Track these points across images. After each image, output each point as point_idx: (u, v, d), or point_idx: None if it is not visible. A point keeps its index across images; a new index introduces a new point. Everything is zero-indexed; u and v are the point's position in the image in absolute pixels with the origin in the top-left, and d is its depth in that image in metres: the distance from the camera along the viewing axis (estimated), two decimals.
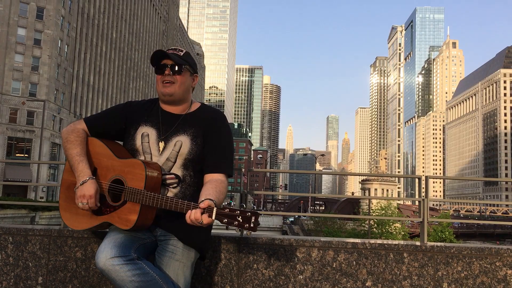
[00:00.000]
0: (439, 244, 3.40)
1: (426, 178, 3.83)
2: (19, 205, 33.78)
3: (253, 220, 2.16)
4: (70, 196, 2.64)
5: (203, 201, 2.25)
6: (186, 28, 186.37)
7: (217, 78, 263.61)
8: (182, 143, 2.60)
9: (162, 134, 2.64)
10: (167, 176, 2.58)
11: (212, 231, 2.90)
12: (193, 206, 2.26)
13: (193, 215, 2.22)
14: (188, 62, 2.68)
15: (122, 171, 2.51)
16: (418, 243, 3.41)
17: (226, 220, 2.17)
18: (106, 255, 2.29)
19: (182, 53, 2.68)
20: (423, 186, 3.93)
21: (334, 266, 3.27)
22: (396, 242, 3.43)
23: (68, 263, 3.26)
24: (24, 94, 55.86)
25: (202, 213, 2.21)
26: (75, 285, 3.23)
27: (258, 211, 2.21)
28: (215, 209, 2.20)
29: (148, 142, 2.64)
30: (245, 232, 3.11)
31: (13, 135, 54.85)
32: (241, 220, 2.16)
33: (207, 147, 2.63)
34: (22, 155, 56.09)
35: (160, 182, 2.52)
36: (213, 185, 2.48)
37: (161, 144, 2.62)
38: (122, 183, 2.49)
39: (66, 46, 62.62)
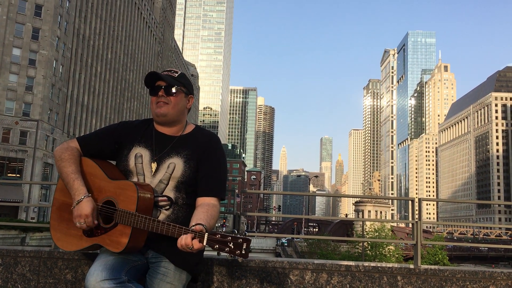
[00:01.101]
0: (432, 267, 3.38)
1: (419, 200, 3.83)
2: (9, 226, 33.32)
3: (244, 247, 2.13)
4: (61, 216, 2.61)
5: (194, 225, 2.24)
6: (181, 50, 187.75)
7: (211, 99, 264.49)
8: (175, 165, 2.59)
9: (155, 155, 2.63)
10: (159, 198, 2.56)
11: (205, 253, 2.87)
12: (184, 230, 2.24)
13: (183, 240, 2.20)
14: (183, 83, 2.67)
15: (114, 193, 2.49)
16: (411, 266, 3.39)
17: (217, 246, 2.15)
18: (96, 278, 2.26)
19: (176, 74, 2.67)
20: (416, 208, 3.92)
21: None
22: (390, 265, 3.41)
23: (58, 286, 3.21)
24: (17, 113, 55.73)
25: (193, 238, 2.19)
26: None
27: (250, 236, 2.19)
28: (206, 234, 2.18)
29: (142, 163, 2.62)
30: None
31: (5, 155, 54.49)
32: (232, 247, 2.14)
33: (201, 170, 2.61)
34: (14, 175, 55.65)
35: (152, 204, 2.50)
36: (205, 209, 2.46)
37: (154, 165, 2.60)
38: (114, 204, 2.47)
39: (61, 67, 62.79)
